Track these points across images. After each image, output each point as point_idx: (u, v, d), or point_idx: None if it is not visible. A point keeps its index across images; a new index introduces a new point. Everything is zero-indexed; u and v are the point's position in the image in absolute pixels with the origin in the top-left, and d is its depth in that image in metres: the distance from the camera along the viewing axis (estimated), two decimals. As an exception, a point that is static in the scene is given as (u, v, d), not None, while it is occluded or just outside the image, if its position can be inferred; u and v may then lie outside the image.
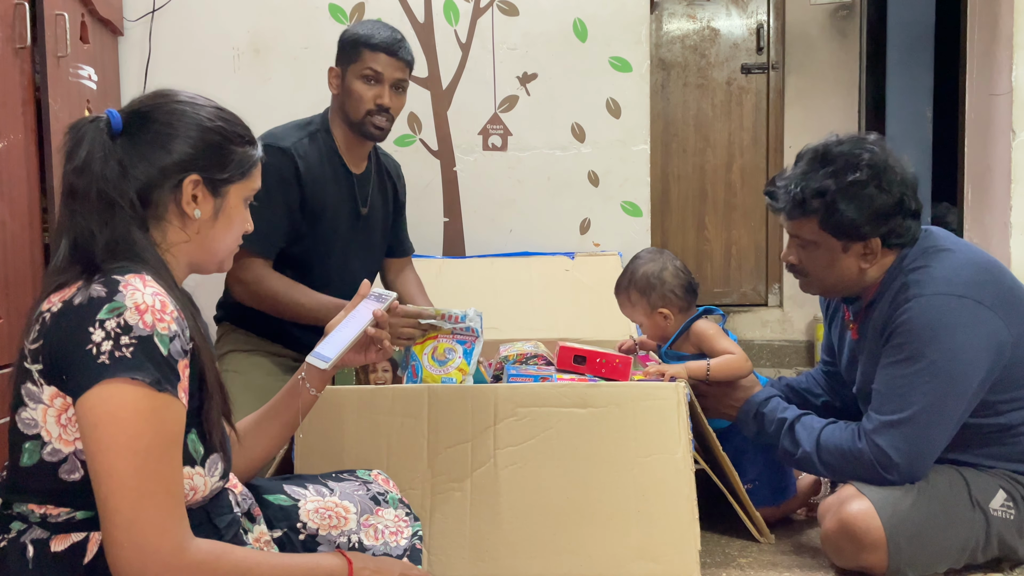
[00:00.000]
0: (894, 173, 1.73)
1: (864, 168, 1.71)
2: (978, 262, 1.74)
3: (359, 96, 2.09)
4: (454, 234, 2.86)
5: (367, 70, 2.08)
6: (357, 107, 2.09)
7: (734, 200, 4.29)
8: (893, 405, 1.68)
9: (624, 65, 2.79)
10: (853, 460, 1.71)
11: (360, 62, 2.09)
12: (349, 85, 2.10)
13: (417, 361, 1.77)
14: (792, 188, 1.76)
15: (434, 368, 1.76)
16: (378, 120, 2.11)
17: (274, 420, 1.39)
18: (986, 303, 1.67)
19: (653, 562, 1.66)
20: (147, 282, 1.07)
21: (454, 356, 1.76)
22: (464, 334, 1.77)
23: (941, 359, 1.65)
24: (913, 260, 1.75)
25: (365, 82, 2.09)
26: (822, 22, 4.19)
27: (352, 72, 2.10)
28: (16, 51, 1.90)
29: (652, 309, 2.04)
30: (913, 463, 1.67)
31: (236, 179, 1.20)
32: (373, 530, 1.37)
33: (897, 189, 1.72)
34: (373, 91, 2.09)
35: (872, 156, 1.72)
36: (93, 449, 1.00)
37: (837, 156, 1.74)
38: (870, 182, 1.71)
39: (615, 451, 1.68)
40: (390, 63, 2.09)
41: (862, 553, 1.67)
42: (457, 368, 1.75)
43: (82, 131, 1.13)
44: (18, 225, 1.88)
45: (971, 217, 3.08)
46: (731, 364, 1.95)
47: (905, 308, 1.69)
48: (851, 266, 1.77)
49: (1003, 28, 2.82)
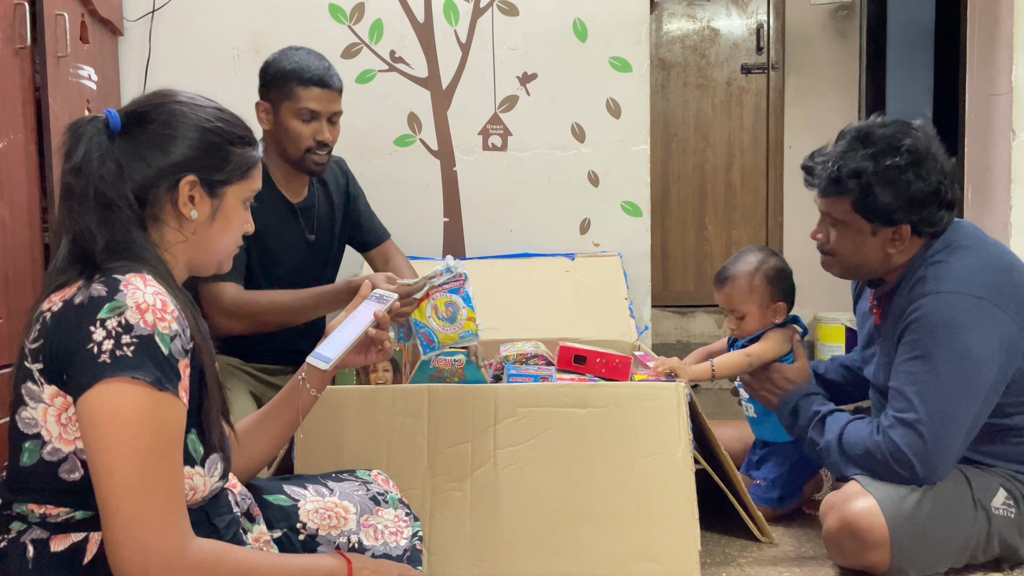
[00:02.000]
0: (934, 161, 1.71)
1: (904, 153, 1.69)
2: (999, 263, 1.73)
3: (296, 134, 2.04)
4: (454, 234, 2.86)
5: (301, 109, 2.03)
6: (295, 145, 2.05)
7: (734, 200, 4.29)
8: (906, 403, 1.68)
9: (624, 65, 2.79)
10: (871, 454, 1.70)
11: (293, 100, 2.03)
12: (284, 123, 2.05)
13: (425, 327, 1.72)
14: (830, 166, 1.75)
15: (446, 328, 1.71)
16: (318, 156, 2.07)
17: (274, 420, 1.39)
18: (1001, 306, 1.66)
19: (653, 562, 1.66)
20: (148, 281, 1.07)
21: (457, 308, 1.71)
22: (452, 282, 1.73)
23: (953, 358, 1.64)
24: (935, 252, 1.74)
25: (301, 120, 2.04)
26: (822, 22, 4.19)
27: (286, 110, 2.04)
28: (16, 51, 1.90)
29: (771, 301, 2.02)
30: (928, 462, 1.65)
31: (235, 180, 1.20)
32: (373, 530, 1.37)
33: (935, 178, 1.70)
34: (310, 128, 2.04)
35: (914, 142, 1.71)
36: (94, 448, 1.00)
37: (879, 138, 1.72)
38: (909, 168, 1.69)
39: (615, 451, 1.68)
40: (324, 96, 2.04)
41: (865, 552, 1.67)
42: (467, 319, 1.71)
43: (80, 131, 1.13)
44: (18, 225, 1.88)
45: (971, 217, 3.08)
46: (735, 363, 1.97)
47: (920, 304, 1.69)
48: (877, 250, 1.76)
49: (1003, 28, 2.82)
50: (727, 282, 2.04)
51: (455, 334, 1.71)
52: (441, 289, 1.72)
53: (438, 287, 1.72)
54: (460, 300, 1.72)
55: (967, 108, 3.10)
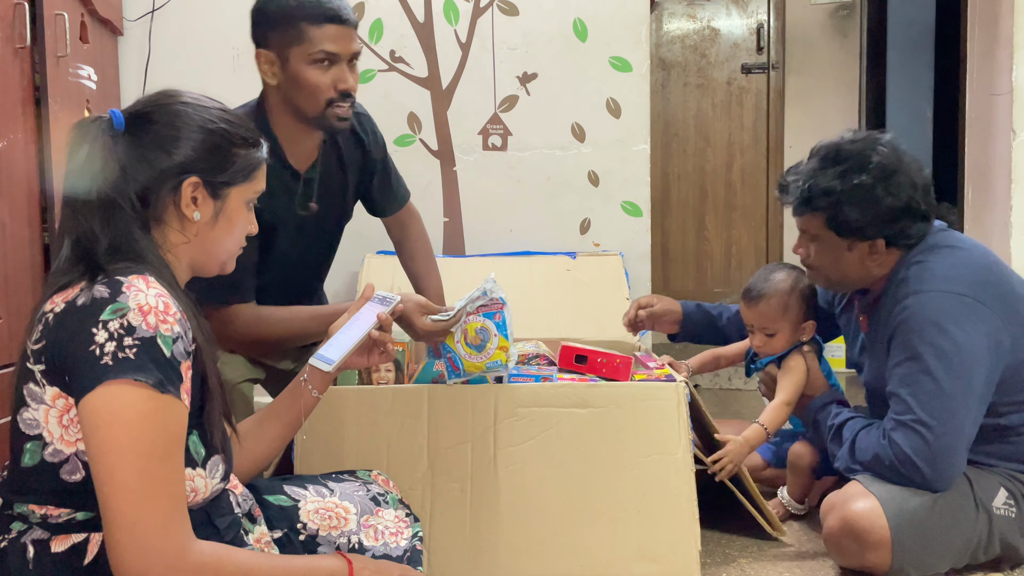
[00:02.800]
0: (904, 175, 1.73)
1: (872, 170, 1.72)
2: (982, 263, 1.75)
3: (314, 86, 1.70)
4: (454, 234, 2.86)
5: (317, 52, 1.68)
6: (313, 98, 1.71)
7: (734, 200, 4.30)
8: (903, 405, 1.68)
9: (624, 65, 2.79)
10: (879, 459, 1.71)
11: (305, 42, 1.68)
12: (296, 73, 1.70)
13: (453, 353, 1.62)
14: (800, 184, 1.77)
15: (473, 356, 1.61)
16: (342, 109, 1.73)
17: (276, 421, 1.39)
18: (986, 302, 1.67)
19: (653, 562, 1.66)
20: (150, 283, 1.06)
21: (488, 335, 1.61)
22: (488, 305, 1.61)
23: (942, 356, 1.65)
24: (916, 254, 1.76)
25: (318, 67, 1.69)
26: (822, 22, 4.20)
27: (297, 57, 1.69)
28: (16, 51, 1.90)
29: (803, 320, 2.02)
30: (934, 462, 1.64)
31: (238, 181, 1.19)
32: (373, 531, 1.37)
33: (905, 192, 1.72)
34: (330, 75, 1.70)
35: (882, 159, 1.73)
36: (95, 450, 1.00)
37: (848, 156, 1.75)
38: (877, 184, 1.71)
39: (615, 451, 1.68)
40: (342, 34, 1.69)
41: (866, 552, 1.67)
42: (498, 348, 1.60)
43: (84, 131, 1.13)
44: (18, 225, 1.88)
45: (971, 217, 3.08)
46: (781, 416, 1.96)
47: (905, 304, 1.71)
48: (856, 263, 1.78)
49: (1003, 28, 2.82)
50: (760, 300, 2.01)
51: (482, 363, 1.62)
52: (475, 312, 1.62)
53: (472, 311, 1.62)
54: (493, 326, 1.61)
55: (967, 108, 3.10)
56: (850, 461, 1.78)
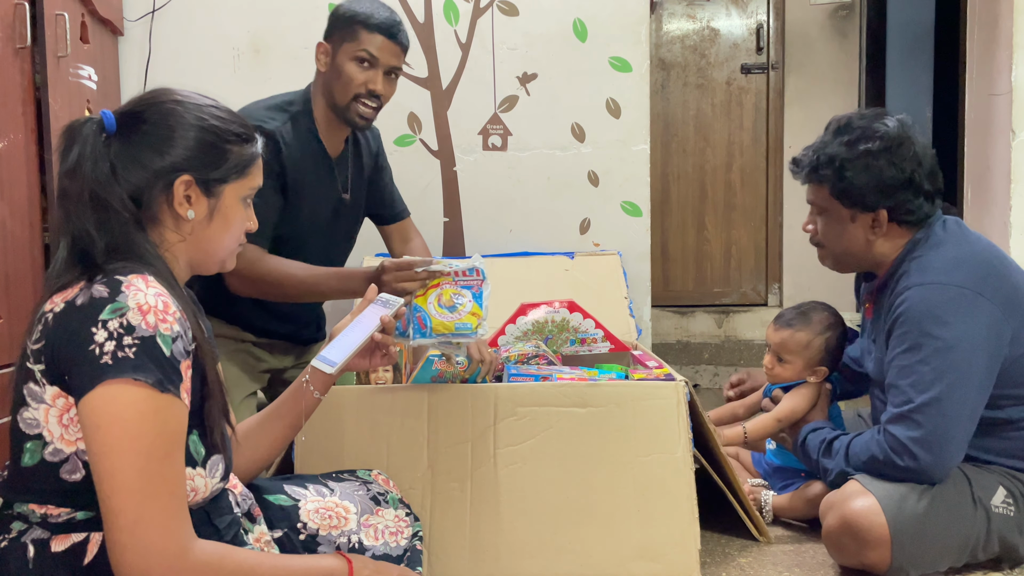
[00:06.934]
0: (909, 149, 1.77)
1: (878, 139, 1.77)
2: (982, 256, 1.75)
3: (349, 78, 1.95)
4: (454, 234, 2.86)
5: (361, 51, 1.95)
6: (345, 89, 1.97)
7: (734, 200, 4.29)
8: (901, 395, 1.69)
9: (624, 65, 2.79)
10: (874, 456, 1.71)
11: (355, 42, 1.95)
12: (340, 65, 1.97)
13: (422, 311, 1.62)
14: (811, 154, 1.84)
15: (443, 315, 1.61)
16: (364, 107, 1.98)
17: (277, 422, 1.39)
18: (986, 294, 1.68)
19: (653, 562, 1.66)
20: (149, 282, 1.06)
21: (463, 300, 1.62)
22: (468, 279, 1.64)
23: (940, 347, 1.66)
24: (919, 247, 1.78)
25: (358, 64, 1.95)
26: (822, 22, 4.20)
27: (344, 52, 1.96)
28: (16, 51, 1.90)
29: (818, 364, 2.04)
30: (929, 449, 1.65)
31: (232, 178, 1.19)
32: (373, 530, 1.37)
33: (908, 165, 1.76)
34: (365, 75, 1.96)
35: (888, 130, 1.78)
36: (96, 450, 1.00)
37: (856, 127, 1.81)
38: (881, 154, 1.76)
39: (615, 450, 1.68)
40: (386, 47, 1.96)
41: (865, 550, 1.67)
42: (470, 313, 1.61)
43: (75, 132, 1.13)
44: (18, 225, 1.88)
45: (971, 217, 3.08)
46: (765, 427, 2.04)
47: (905, 296, 1.72)
48: (859, 237, 1.82)
49: (1003, 28, 2.82)
50: (788, 330, 2.06)
51: (451, 323, 1.61)
52: (455, 283, 1.64)
53: (451, 278, 1.64)
54: (469, 295, 1.63)
55: (967, 108, 3.11)
56: (845, 466, 1.78)
